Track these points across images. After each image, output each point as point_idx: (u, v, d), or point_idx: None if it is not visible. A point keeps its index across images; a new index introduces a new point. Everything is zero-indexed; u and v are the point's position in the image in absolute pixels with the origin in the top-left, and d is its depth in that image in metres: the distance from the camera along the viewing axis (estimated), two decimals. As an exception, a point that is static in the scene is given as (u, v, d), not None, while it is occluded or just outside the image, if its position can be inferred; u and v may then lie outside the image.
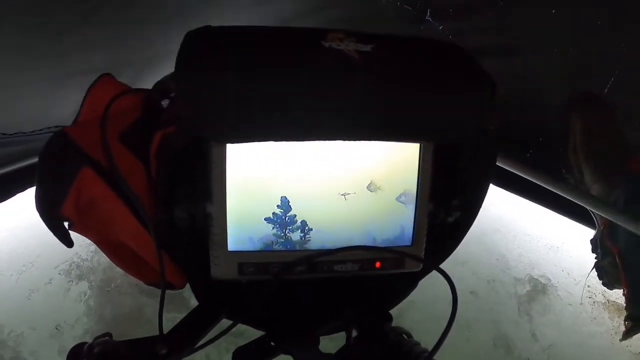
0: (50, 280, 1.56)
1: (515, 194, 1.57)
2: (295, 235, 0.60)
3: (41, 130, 1.25)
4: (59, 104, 1.17)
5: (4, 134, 1.17)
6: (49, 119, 1.24)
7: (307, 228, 0.60)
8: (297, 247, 0.60)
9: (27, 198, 1.44)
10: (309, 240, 0.60)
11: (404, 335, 0.64)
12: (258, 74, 0.51)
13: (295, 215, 0.59)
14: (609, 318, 1.68)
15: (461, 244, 0.73)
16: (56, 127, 1.24)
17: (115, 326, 1.40)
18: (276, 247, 0.60)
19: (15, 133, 1.20)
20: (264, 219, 0.59)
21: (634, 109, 1.25)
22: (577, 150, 1.33)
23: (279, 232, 0.59)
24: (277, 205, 0.58)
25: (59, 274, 1.58)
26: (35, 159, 1.35)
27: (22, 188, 1.44)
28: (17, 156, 1.35)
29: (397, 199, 0.62)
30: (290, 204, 0.59)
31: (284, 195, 0.58)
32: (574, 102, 1.31)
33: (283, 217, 0.59)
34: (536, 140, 1.42)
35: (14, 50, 0.89)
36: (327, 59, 0.53)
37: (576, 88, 1.31)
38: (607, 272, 1.44)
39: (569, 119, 1.31)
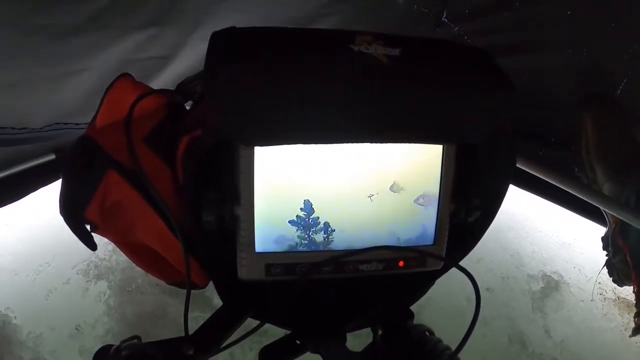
0: (68, 280, 1.54)
1: (528, 191, 1.57)
2: (319, 237, 0.61)
3: (50, 125, 1.23)
4: (61, 104, 1.17)
5: (12, 128, 1.16)
6: (54, 117, 1.23)
7: (330, 229, 0.61)
8: (321, 248, 0.61)
9: (40, 197, 1.42)
10: (332, 240, 0.61)
11: (426, 333, 0.65)
12: (289, 76, 0.50)
13: (319, 217, 0.60)
14: (619, 314, 1.68)
15: (476, 241, 0.73)
16: (66, 123, 1.23)
17: (139, 326, 1.39)
18: (301, 248, 0.61)
19: (23, 128, 1.19)
20: (288, 222, 0.59)
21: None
22: (589, 149, 1.32)
23: (302, 234, 0.60)
24: (301, 208, 0.59)
25: (77, 273, 1.56)
26: (48, 158, 1.35)
27: (35, 188, 1.41)
28: (30, 155, 1.33)
29: (414, 201, 0.62)
30: (313, 206, 0.59)
31: (307, 198, 0.59)
32: (586, 102, 1.31)
33: (306, 220, 0.60)
34: (548, 139, 1.42)
35: (17, 50, 0.89)
36: (357, 63, 0.52)
37: (589, 88, 1.31)
38: (617, 269, 1.43)
39: (581, 118, 1.31)
